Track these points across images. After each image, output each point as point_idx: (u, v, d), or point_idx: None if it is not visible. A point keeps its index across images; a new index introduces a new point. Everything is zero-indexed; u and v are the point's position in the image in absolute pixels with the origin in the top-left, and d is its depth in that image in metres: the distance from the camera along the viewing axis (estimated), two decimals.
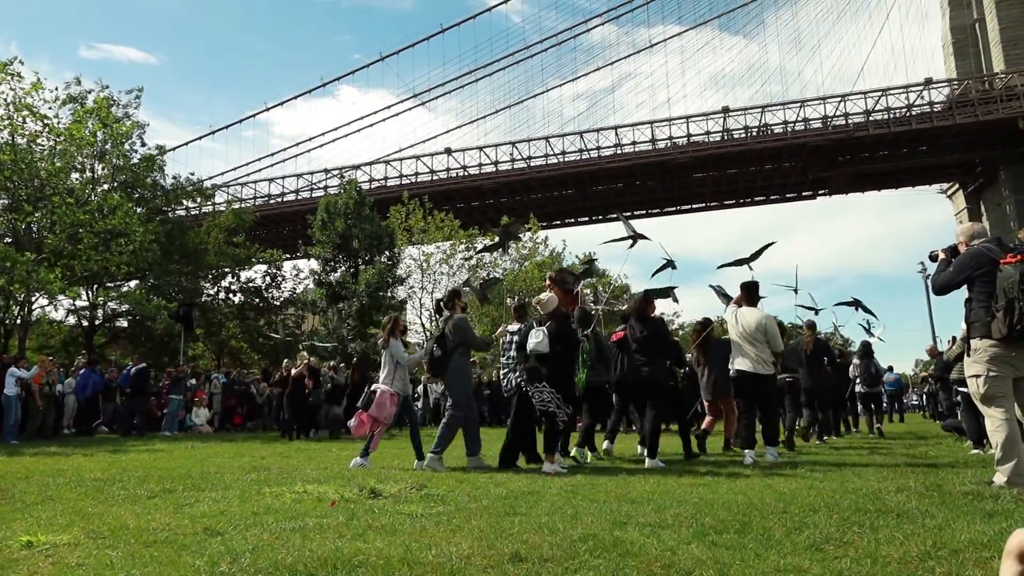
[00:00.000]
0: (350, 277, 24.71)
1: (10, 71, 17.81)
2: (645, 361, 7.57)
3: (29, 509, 4.43)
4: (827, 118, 38.06)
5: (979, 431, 7.64)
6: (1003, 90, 36.64)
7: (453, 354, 7.10)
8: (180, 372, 16.69)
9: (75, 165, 20.36)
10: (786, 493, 4.69)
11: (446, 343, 7.10)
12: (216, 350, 27.85)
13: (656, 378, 7.53)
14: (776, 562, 2.75)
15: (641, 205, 45.29)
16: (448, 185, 41.20)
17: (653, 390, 7.51)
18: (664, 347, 7.83)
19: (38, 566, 2.87)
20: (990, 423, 4.86)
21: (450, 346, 7.09)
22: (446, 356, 7.08)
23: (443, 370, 7.16)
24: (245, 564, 2.81)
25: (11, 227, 18.74)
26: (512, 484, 5.40)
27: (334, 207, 25.73)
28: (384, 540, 3.25)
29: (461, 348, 7.17)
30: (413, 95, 46.74)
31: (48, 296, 17.77)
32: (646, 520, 3.67)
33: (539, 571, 2.67)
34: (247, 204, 40.92)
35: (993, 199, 40.09)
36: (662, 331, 7.91)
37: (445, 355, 7.08)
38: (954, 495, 4.45)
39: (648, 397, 7.56)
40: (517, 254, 28.73)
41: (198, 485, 5.59)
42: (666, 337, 8.11)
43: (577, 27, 46.10)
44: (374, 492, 4.90)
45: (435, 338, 7.24)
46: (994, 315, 4.64)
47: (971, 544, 2.98)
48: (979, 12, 41.77)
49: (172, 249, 23.16)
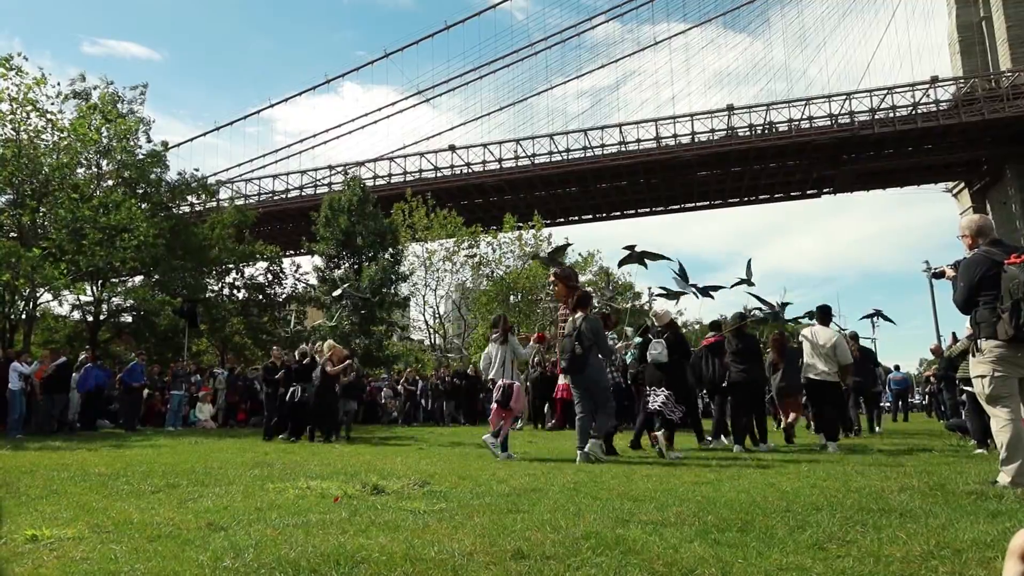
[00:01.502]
0: (353, 274, 24.76)
1: (12, 66, 17.82)
2: (743, 368, 9.13)
3: (34, 503, 4.45)
4: (832, 116, 37.93)
5: (983, 431, 7.62)
6: (1009, 88, 36.45)
7: (590, 353, 7.45)
8: (182, 368, 16.73)
9: (80, 161, 20.39)
10: (789, 492, 4.69)
11: (584, 342, 7.44)
12: (220, 346, 27.93)
13: (754, 379, 9.18)
14: (778, 560, 2.75)
15: (644, 203, 45.25)
16: (452, 182, 41.17)
17: (749, 390, 9.14)
18: (758, 356, 9.48)
19: (42, 560, 2.89)
20: (995, 423, 4.85)
21: (587, 345, 7.44)
22: (585, 354, 7.42)
23: (583, 367, 7.46)
24: (248, 559, 2.82)
25: (16, 222, 18.79)
26: (515, 481, 5.41)
27: (338, 204, 25.75)
28: (387, 536, 3.26)
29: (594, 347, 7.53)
30: (417, 92, 46.71)
31: (53, 292, 17.79)
32: (648, 518, 3.67)
33: (541, 568, 2.67)
34: (251, 200, 40.97)
35: (999, 198, 39.91)
36: (755, 344, 9.62)
37: (585, 353, 7.42)
38: (958, 495, 4.45)
39: (744, 395, 9.17)
40: (521, 252, 28.72)
41: (202, 480, 5.61)
42: (758, 348, 9.71)
43: (581, 24, 46.02)
44: (377, 488, 4.91)
45: (574, 337, 7.49)
46: (1000, 316, 4.63)
47: (974, 544, 2.97)
48: (986, 10, 41.52)
49: (176, 245, 23.19)
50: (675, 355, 7.84)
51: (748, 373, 9.12)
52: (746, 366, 9.14)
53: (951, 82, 38.60)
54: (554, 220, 42.92)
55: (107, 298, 21.86)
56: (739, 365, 9.18)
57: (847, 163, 39.60)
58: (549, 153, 41.21)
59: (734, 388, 9.32)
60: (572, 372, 7.56)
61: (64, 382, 14.47)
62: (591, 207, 46.05)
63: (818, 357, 8.86)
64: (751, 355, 9.23)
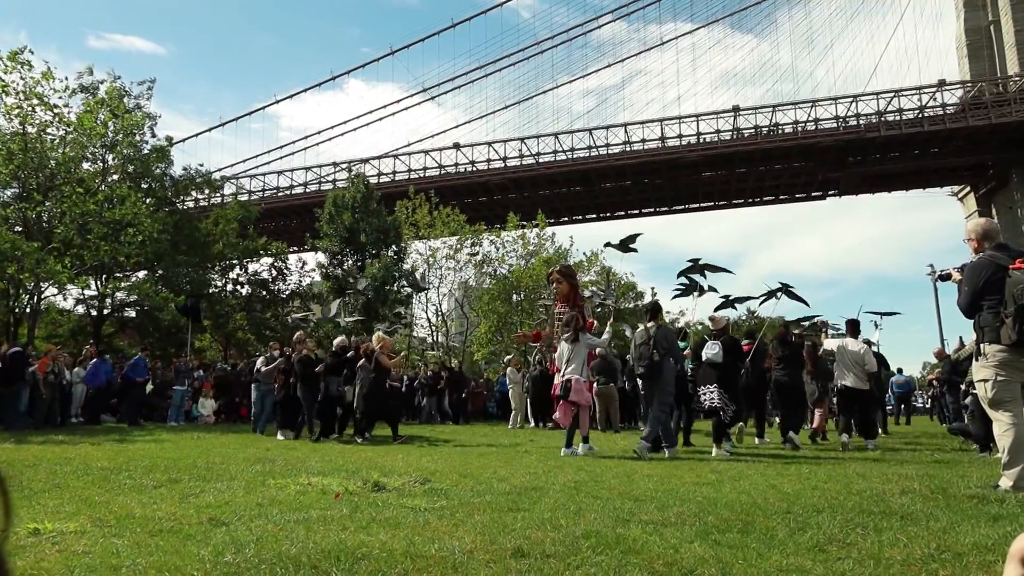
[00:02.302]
0: (356, 271, 24.76)
1: (20, 60, 17.87)
2: (786, 373, 10.26)
3: (36, 497, 4.47)
4: (838, 118, 37.84)
5: (986, 435, 7.60)
6: (1017, 93, 36.33)
7: (665, 359, 8.04)
8: (183, 363, 16.76)
9: (86, 155, 20.44)
10: (790, 494, 4.68)
11: (660, 350, 8.03)
12: (223, 341, 27.97)
13: (796, 384, 10.36)
14: (779, 562, 2.75)
15: (649, 203, 45.22)
16: (456, 180, 41.19)
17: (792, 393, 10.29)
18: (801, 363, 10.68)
19: (44, 553, 2.90)
20: (997, 427, 4.84)
21: (662, 352, 8.02)
22: (662, 361, 8.02)
23: (660, 372, 8.05)
24: (249, 555, 2.83)
25: (21, 216, 18.84)
26: (515, 480, 5.41)
27: (341, 200, 25.75)
28: (387, 533, 3.27)
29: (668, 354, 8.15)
30: (423, 89, 46.78)
31: (57, 285, 17.84)
32: (649, 518, 3.67)
33: (541, 567, 2.67)
34: (255, 196, 41.04)
35: (1004, 202, 39.78)
36: (799, 350, 10.70)
37: (661, 360, 8.01)
38: (959, 498, 4.44)
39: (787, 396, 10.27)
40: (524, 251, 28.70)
41: (203, 475, 5.63)
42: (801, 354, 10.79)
43: (588, 23, 46.04)
44: (378, 485, 4.92)
45: (651, 345, 8.08)
46: (1003, 321, 4.62)
47: (975, 547, 2.97)
48: (994, 14, 41.37)
49: (180, 240, 23.23)
50: (729, 356, 8.43)
51: (791, 377, 10.30)
52: (789, 370, 10.30)
53: (958, 86, 38.50)
54: (558, 219, 42.91)
55: (111, 292, 21.91)
56: (783, 370, 10.32)
57: (853, 165, 39.52)
58: (554, 152, 41.23)
59: (779, 389, 10.42)
60: (649, 377, 8.16)
61: (17, 374, 12.94)
62: (595, 206, 46.04)
63: (849, 367, 9.62)
64: (794, 360, 10.42)
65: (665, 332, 8.24)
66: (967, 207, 43.71)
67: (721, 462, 7.12)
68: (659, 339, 8.01)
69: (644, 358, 8.04)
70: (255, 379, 13.69)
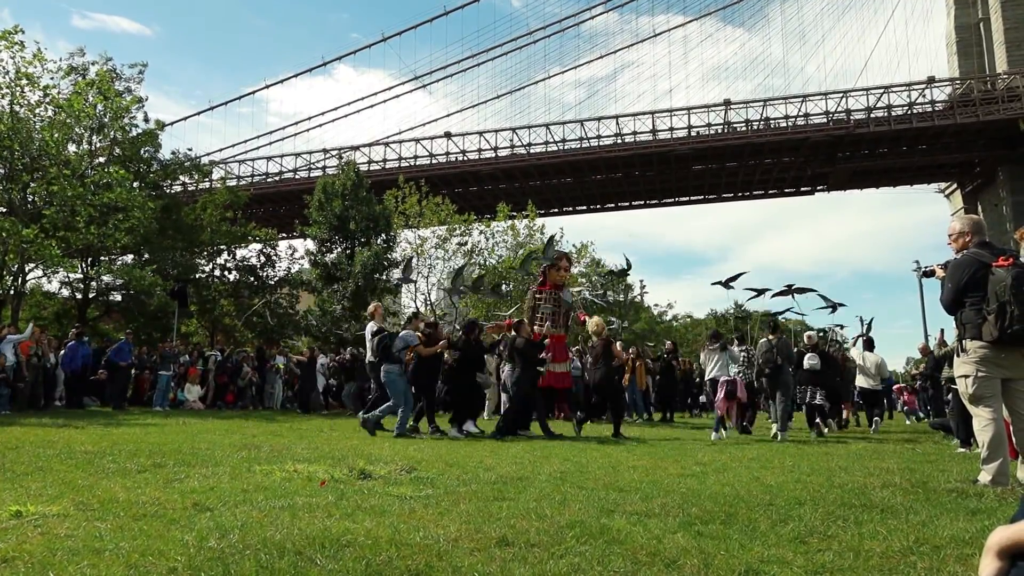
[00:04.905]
0: (346, 258, 24.65)
1: (12, 40, 17.62)
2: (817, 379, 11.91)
3: (19, 479, 4.44)
4: (828, 113, 37.98)
5: (967, 430, 7.70)
6: (1005, 91, 36.57)
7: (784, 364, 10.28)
8: (169, 348, 16.65)
9: (72, 137, 20.19)
10: (773, 486, 4.73)
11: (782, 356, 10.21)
12: (210, 327, 27.79)
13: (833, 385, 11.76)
14: (760, 553, 2.78)
15: (639, 195, 45.27)
16: (446, 169, 41.01)
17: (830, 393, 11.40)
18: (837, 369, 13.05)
19: (27, 536, 2.88)
20: (977, 422, 4.91)
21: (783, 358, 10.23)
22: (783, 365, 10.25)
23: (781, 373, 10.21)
24: (234, 540, 2.83)
25: (6, 197, 18.60)
26: (501, 469, 5.44)
27: (332, 188, 25.60)
28: (372, 521, 3.28)
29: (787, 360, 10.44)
30: (414, 77, 46.41)
31: (44, 267, 17.65)
32: (633, 509, 3.70)
33: (526, 556, 2.69)
34: (243, 182, 40.69)
35: (991, 200, 40.11)
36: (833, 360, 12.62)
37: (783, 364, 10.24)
38: (939, 492, 4.50)
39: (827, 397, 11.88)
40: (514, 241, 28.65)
41: (188, 461, 5.61)
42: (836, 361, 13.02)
43: (580, 14, 45.79)
44: (364, 473, 4.92)
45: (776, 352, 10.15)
46: (985, 318, 4.67)
47: (953, 540, 3.02)
48: (984, 12, 41.55)
49: (167, 225, 23.03)
50: (825, 365, 10.98)
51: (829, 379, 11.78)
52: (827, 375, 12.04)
53: (947, 83, 38.68)
54: (548, 210, 42.83)
55: (96, 275, 21.72)
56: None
57: (842, 161, 39.70)
58: (545, 143, 41.13)
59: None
60: (773, 377, 10.23)
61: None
62: (586, 198, 46.03)
63: (868, 373, 12.34)
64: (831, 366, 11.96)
65: (785, 342, 10.54)
66: (954, 204, 44.04)
67: (706, 453, 7.17)
68: (780, 348, 10.23)
69: (769, 363, 10.17)
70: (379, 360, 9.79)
